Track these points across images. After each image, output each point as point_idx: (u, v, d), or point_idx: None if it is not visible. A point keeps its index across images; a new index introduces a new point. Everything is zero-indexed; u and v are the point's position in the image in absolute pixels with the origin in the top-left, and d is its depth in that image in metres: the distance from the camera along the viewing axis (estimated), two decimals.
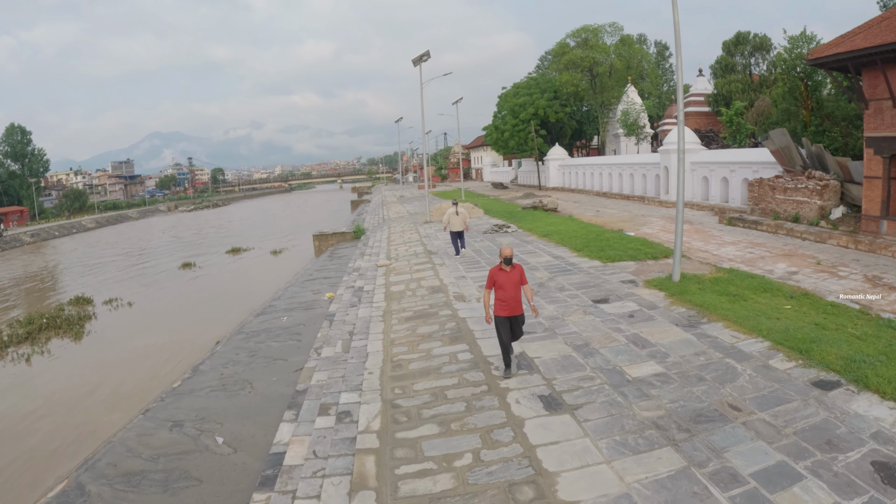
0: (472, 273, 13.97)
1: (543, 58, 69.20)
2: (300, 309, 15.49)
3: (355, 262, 19.85)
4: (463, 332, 9.08)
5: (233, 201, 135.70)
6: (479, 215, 28.21)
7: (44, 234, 66.88)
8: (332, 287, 17.55)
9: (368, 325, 10.09)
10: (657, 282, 11.42)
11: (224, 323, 17.77)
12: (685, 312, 9.51)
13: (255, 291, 22.40)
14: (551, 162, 49.06)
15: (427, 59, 23.69)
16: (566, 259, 14.70)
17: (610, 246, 15.61)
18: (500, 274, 7.22)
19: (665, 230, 19.57)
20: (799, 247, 15.45)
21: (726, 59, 42.26)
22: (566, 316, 9.39)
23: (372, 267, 16.58)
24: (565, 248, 16.38)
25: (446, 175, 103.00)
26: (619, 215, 25.16)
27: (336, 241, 29.92)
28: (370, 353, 8.42)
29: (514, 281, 7.20)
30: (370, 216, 39.16)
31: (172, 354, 15.31)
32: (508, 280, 7.17)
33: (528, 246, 17.43)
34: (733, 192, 24.32)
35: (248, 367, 11.35)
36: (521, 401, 6.35)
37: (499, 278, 7.19)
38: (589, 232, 18.77)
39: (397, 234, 23.64)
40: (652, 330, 8.64)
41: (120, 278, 31.50)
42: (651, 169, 31.68)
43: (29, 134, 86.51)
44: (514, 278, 7.21)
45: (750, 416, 6.22)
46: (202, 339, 16.55)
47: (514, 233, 20.78)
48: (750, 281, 11.19)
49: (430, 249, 18.37)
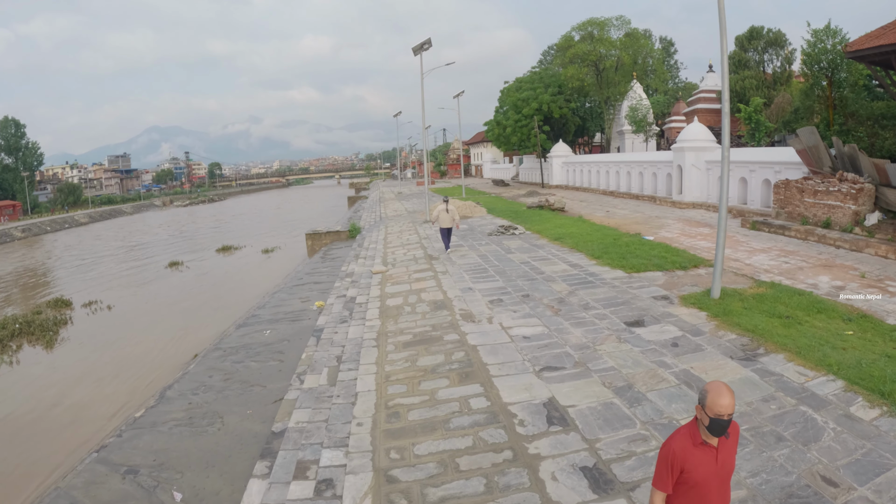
0: (480, 284, 12.38)
1: (546, 52, 67.55)
2: (286, 320, 13.92)
3: (349, 265, 18.30)
4: (474, 365, 7.51)
5: (229, 196, 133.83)
6: (482, 214, 26.62)
7: (35, 228, 65.34)
8: (322, 294, 16.00)
9: (359, 349, 8.55)
10: (694, 298, 9.90)
11: (204, 332, 16.22)
12: (736, 340, 8.00)
13: (241, 296, 20.84)
14: (555, 159, 47.44)
15: (428, 47, 22.08)
16: (585, 268, 13.14)
17: (631, 253, 14.08)
18: (698, 455, 2.99)
19: (685, 234, 18.06)
20: (835, 256, 13.96)
21: (739, 55, 40.60)
22: (598, 344, 7.84)
23: (366, 273, 15.02)
24: (581, 254, 14.81)
25: (445, 171, 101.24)
26: (632, 216, 23.63)
27: (330, 240, 28.36)
28: (360, 393, 6.84)
29: (725, 470, 3.07)
30: (367, 213, 37.56)
31: (144, 371, 13.76)
32: (716, 468, 3.02)
33: (539, 251, 15.87)
34: (752, 193, 22.81)
35: (221, 395, 9.80)
36: (558, 476, 4.79)
37: (694, 465, 2.99)
38: (604, 235, 17.23)
39: (395, 235, 22.05)
40: (704, 365, 7.12)
41: (105, 278, 29.93)
42: (662, 167, 30.13)
43: (23, 127, 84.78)
44: (726, 464, 3.06)
45: (850, 493, 4.78)
46: (179, 351, 15.02)
47: (521, 235, 19.20)
48: (798, 299, 9.70)
49: (431, 254, 16.78)
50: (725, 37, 9.51)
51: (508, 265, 14.14)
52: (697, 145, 26.52)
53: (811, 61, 24.49)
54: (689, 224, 20.56)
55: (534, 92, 48.50)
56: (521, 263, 14.25)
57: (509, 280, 12.45)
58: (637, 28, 48.42)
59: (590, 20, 47.84)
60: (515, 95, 49.88)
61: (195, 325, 17.61)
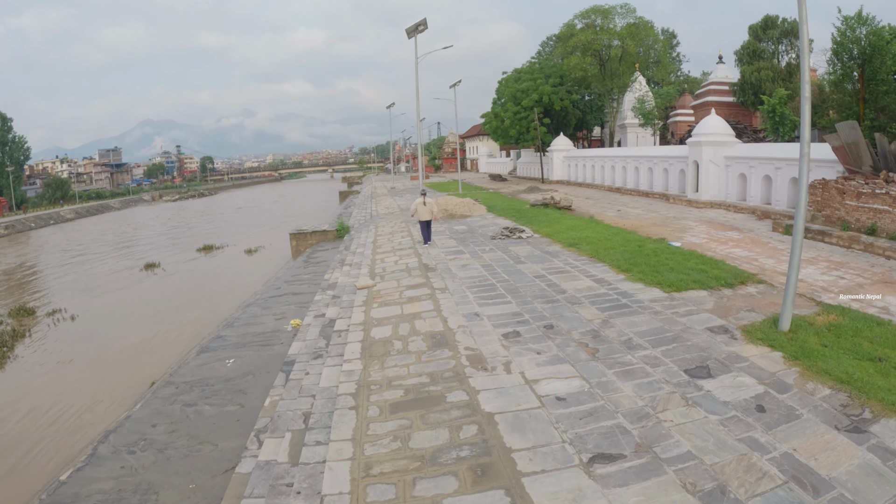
0: (489, 308, 10.05)
1: (545, 43, 65.30)
2: (254, 345, 11.81)
3: (333, 273, 16.18)
4: (493, 452, 5.22)
5: (220, 190, 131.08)
6: (482, 213, 24.47)
7: (19, 225, 63.06)
8: (299, 310, 13.90)
9: (333, 408, 6.45)
10: (760, 331, 7.85)
11: (165, 353, 14.14)
12: (832, 397, 5.97)
13: (213, 306, 18.75)
14: (555, 153, 45.27)
15: (423, 29, 19.92)
16: (613, 284, 11.00)
17: (662, 264, 11.98)
18: None
19: (714, 239, 16.04)
20: (891, 269, 11.98)
21: (754, 45, 38.65)
22: (659, 409, 5.70)
23: (350, 286, 12.91)
24: (604, 265, 12.65)
25: (440, 165, 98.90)
26: (647, 217, 21.60)
27: (316, 240, 26.23)
28: (327, 498, 4.72)
29: None
30: (357, 210, 35.36)
31: (89, 405, 11.67)
32: None
33: (553, 261, 13.71)
34: (778, 192, 20.80)
35: (162, 456, 7.70)
36: None
37: None
38: (625, 241, 15.15)
39: (385, 237, 19.88)
40: (807, 444, 5.08)
41: (79, 281, 27.76)
42: (675, 163, 28.08)
43: (10, 121, 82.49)
44: None
45: None
46: (134, 376, 12.92)
47: (530, 239, 17.06)
48: (880, 331, 7.70)
49: (427, 262, 14.58)
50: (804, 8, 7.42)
51: (520, 280, 11.96)
52: (715, 139, 24.47)
53: (841, 51, 22.52)
54: (714, 226, 18.55)
55: (534, 83, 46.32)
56: (535, 277, 12.06)
57: (524, 302, 10.26)
58: (643, 17, 46.25)
59: (593, 8, 45.63)
60: (514, 86, 47.68)
61: (158, 343, 15.52)
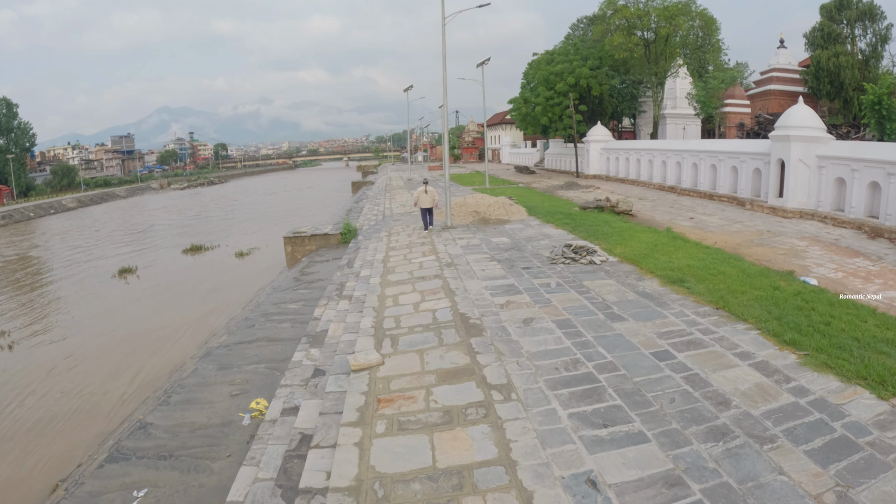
0: (608, 453, 5.01)
1: (575, 26, 59.77)
2: (187, 453, 7.32)
3: (325, 308, 11.65)
4: None
5: (232, 178, 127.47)
6: (522, 217, 19.64)
7: (17, 214, 59.81)
8: (269, 374, 9.40)
9: None
10: None
11: (78, 435, 9.79)
12: None
13: (167, 345, 14.39)
14: (592, 144, 40.15)
15: None
16: (793, 379, 5.94)
17: (828, 324, 7.22)
18: None
19: (849, 272, 11.23)
20: None
21: (828, 26, 33.17)
22: None
23: (343, 350, 8.39)
24: (746, 325, 7.67)
25: (459, 155, 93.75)
26: (734, 230, 16.77)
27: (316, 245, 21.77)
28: None
29: None
30: (369, 206, 30.78)
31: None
32: None
33: (666, 315, 8.48)
34: (892, 204, 15.90)
35: None
36: None
37: None
38: (743, 274, 10.32)
39: (401, 254, 15.06)
40: None
41: (49, 288, 23.89)
42: (747, 160, 23.07)
43: (15, 107, 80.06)
44: None
45: None
46: (37, 467, 8.62)
47: (606, 265, 12.03)
48: None
49: (465, 312, 9.15)
50: None
51: (633, 364, 6.80)
52: (806, 134, 19.47)
53: None
54: (829, 248, 13.68)
55: (570, 65, 41.16)
56: (654, 358, 6.96)
57: (667, 434, 5.27)
58: None
59: None
60: (547, 69, 42.55)
61: (85, 406, 11.19)
